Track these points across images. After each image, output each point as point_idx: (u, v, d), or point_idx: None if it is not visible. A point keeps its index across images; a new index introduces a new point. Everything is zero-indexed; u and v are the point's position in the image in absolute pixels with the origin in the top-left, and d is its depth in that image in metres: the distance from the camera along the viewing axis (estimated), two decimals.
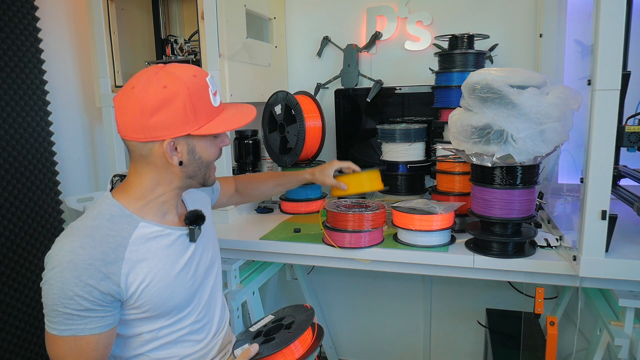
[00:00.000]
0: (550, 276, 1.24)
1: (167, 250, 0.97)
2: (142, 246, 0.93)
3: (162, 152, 0.92)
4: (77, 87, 2.00)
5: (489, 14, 1.88)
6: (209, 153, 0.98)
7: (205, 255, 1.09)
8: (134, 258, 0.91)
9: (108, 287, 0.87)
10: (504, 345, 1.68)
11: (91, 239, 0.88)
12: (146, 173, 0.95)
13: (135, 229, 0.93)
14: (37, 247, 1.70)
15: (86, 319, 0.86)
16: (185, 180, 0.99)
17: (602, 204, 1.06)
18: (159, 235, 0.96)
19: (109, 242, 0.89)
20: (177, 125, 0.90)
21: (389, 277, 2.19)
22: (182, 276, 0.99)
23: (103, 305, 0.87)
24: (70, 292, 0.84)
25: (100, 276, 0.86)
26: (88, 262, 0.85)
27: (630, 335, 1.21)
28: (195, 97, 0.90)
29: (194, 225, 1.02)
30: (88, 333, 0.87)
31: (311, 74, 2.13)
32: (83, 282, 0.84)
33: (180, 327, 1.01)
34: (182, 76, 0.90)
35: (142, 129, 0.89)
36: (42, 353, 1.72)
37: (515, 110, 1.13)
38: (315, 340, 0.97)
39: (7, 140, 1.60)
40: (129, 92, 0.89)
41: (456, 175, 1.51)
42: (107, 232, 0.90)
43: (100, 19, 1.74)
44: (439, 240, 1.36)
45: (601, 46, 1.01)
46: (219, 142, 1.01)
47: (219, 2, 1.56)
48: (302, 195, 1.80)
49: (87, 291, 0.85)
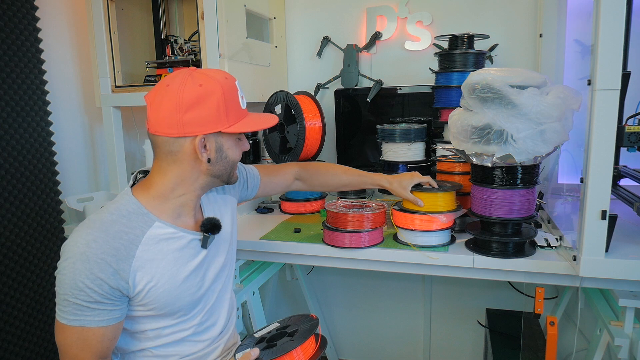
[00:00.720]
0: (550, 276, 1.24)
1: (177, 253, 0.98)
2: (154, 246, 0.95)
3: (193, 148, 0.94)
4: (77, 87, 2.00)
5: (489, 14, 1.88)
6: (234, 153, 1.01)
7: (218, 259, 1.09)
8: (145, 257, 0.93)
9: (117, 283, 0.89)
10: (504, 345, 1.68)
11: (105, 234, 0.90)
12: (171, 170, 0.97)
13: (150, 228, 0.95)
14: (37, 247, 1.70)
15: (95, 311, 0.89)
16: (209, 179, 1.01)
17: (602, 204, 1.06)
18: (171, 237, 0.98)
19: (122, 238, 0.91)
20: (211, 122, 0.93)
21: (389, 277, 2.19)
22: (190, 280, 1.00)
23: (112, 299, 0.90)
24: (81, 284, 0.87)
25: (110, 271, 0.88)
26: (100, 256, 0.88)
27: (630, 335, 1.21)
28: (228, 96, 0.94)
29: (209, 233, 1.02)
30: (95, 325, 0.89)
31: (311, 74, 2.14)
32: (94, 275, 0.87)
33: (184, 328, 1.02)
34: (216, 76, 0.94)
35: (176, 125, 0.92)
36: (42, 353, 1.72)
37: (515, 110, 1.13)
38: (317, 350, 0.97)
39: (7, 140, 1.60)
40: (165, 89, 0.93)
41: (456, 175, 1.51)
42: (122, 229, 0.92)
43: (100, 19, 1.74)
44: (439, 240, 1.36)
45: (601, 46, 1.01)
46: (241, 145, 1.03)
47: (219, 2, 1.56)
48: (302, 195, 1.80)
49: (97, 284, 0.87)
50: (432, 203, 1.33)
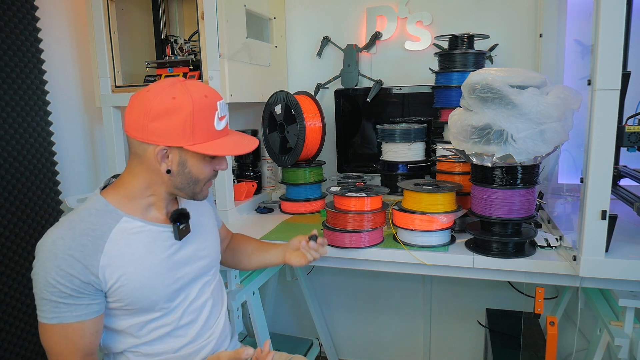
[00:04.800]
0: (550, 276, 1.24)
1: (148, 247, 1.00)
2: (122, 241, 0.97)
3: (154, 155, 0.96)
4: (77, 87, 2.00)
5: (489, 14, 1.88)
6: (200, 171, 1.00)
7: (200, 261, 1.10)
8: (113, 252, 0.95)
9: (88, 278, 0.92)
10: (504, 345, 1.68)
11: (72, 231, 0.93)
12: (139, 172, 1.00)
13: (117, 223, 0.97)
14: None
15: (71, 306, 0.91)
16: (173, 189, 1.02)
17: (602, 204, 1.06)
18: (140, 231, 1.00)
19: (89, 235, 0.93)
20: (173, 136, 0.94)
21: (389, 277, 2.19)
22: (163, 273, 1.02)
23: (85, 293, 0.92)
24: (53, 281, 0.89)
25: (79, 266, 0.91)
26: (67, 252, 0.90)
27: (630, 335, 1.21)
28: (199, 115, 0.94)
29: (177, 223, 1.04)
30: (74, 320, 0.92)
31: (311, 74, 2.14)
32: (63, 271, 0.89)
33: (166, 323, 1.03)
34: (194, 93, 0.95)
35: (141, 130, 0.95)
36: (42, 353, 1.72)
37: (515, 110, 1.13)
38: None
39: (7, 140, 1.60)
40: (144, 93, 0.96)
41: (456, 175, 1.51)
42: (89, 226, 0.94)
43: (100, 19, 1.74)
44: (439, 240, 1.36)
45: (601, 46, 1.01)
46: (216, 164, 1.04)
47: (219, 2, 1.56)
48: (302, 195, 1.80)
49: (68, 280, 0.90)
50: (432, 203, 1.33)
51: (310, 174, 1.82)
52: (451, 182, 1.45)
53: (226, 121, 1.01)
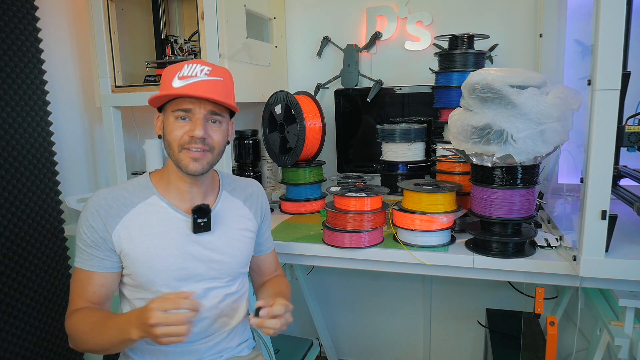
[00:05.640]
0: (550, 276, 1.24)
1: (163, 227, 1.06)
2: (143, 215, 1.05)
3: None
4: (77, 87, 2.00)
5: (489, 14, 1.88)
6: (171, 133, 1.03)
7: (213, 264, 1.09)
8: (132, 221, 1.04)
9: (104, 234, 1.02)
10: (504, 345, 1.68)
11: (110, 194, 1.05)
12: None
13: (146, 199, 1.07)
14: (37, 247, 1.70)
15: (89, 255, 1.03)
16: (170, 163, 1.07)
17: (602, 204, 1.06)
18: (162, 211, 1.07)
19: (119, 200, 1.05)
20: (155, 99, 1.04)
21: (389, 277, 2.19)
22: (168, 257, 1.04)
23: (102, 248, 1.03)
24: (80, 229, 1.03)
25: (100, 222, 1.02)
26: (95, 207, 1.03)
27: (630, 335, 1.21)
28: (165, 77, 1.03)
29: (195, 215, 1.06)
30: (87, 268, 1.03)
31: (311, 74, 2.13)
32: (88, 222, 1.02)
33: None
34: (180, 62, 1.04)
35: None
36: (43, 353, 1.72)
37: (515, 110, 1.13)
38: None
39: (7, 140, 1.60)
40: None
41: (456, 175, 1.51)
42: (124, 194, 1.06)
43: (100, 19, 1.74)
44: (439, 240, 1.36)
45: (601, 46, 1.01)
46: (186, 126, 1.02)
47: (219, 2, 1.56)
48: (302, 195, 1.80)
49: (90, 231, 1.02)
50: (432, 203, 1.33)
51: (310, 174, 1.82)
52: (451, 182, 1.45)
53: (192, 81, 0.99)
